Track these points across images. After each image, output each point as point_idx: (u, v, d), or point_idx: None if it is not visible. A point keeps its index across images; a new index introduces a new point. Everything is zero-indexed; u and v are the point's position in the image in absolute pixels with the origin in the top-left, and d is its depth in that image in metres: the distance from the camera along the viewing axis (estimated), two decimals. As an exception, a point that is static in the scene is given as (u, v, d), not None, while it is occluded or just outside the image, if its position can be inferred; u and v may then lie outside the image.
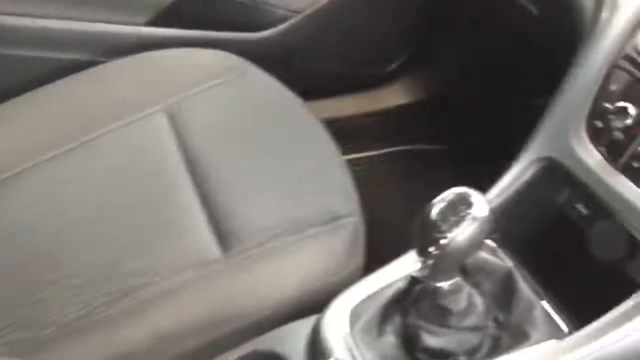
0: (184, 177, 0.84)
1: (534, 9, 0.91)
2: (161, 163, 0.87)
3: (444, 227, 0.54)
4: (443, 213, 0.55)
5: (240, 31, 1.16)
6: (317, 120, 0.97)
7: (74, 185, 0.86)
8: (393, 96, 1.40)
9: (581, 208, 0.70)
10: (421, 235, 0.55)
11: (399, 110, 1.40)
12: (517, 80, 1.20)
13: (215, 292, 0.74)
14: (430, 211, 0.55)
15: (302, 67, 1.24)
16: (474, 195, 0.55)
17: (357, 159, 1.37)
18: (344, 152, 0.95)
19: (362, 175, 1.37)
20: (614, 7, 0.67)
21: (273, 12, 1.18)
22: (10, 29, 1.06)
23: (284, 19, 1.18)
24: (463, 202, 0.54)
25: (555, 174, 0.69)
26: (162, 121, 0.92)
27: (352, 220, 0.81)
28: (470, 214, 0.53)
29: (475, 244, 0.55)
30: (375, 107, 1.39)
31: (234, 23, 1.16)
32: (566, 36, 0.74)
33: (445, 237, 0.53)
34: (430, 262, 0.55)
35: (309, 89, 1.09)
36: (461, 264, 0.57)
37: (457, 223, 0.53)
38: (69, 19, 1.08)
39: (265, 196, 0.82)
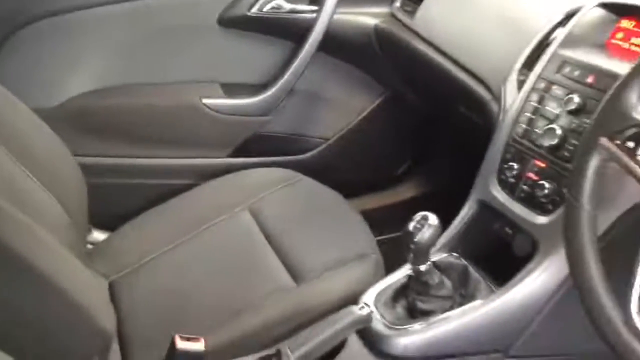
0: (267, 248, 1.30)
1: (476, 118, 1.42)
2: (250, 241, 1.30)
3: (416, 233, 1.02)
4: (415, 226, 1.03)
5: (290, 155, 1.72)
6: (353, 210, 1.43)
7: (193, 262, 1.32)
8: (403, 192, 1.92)
9: (507, 230, 1.17)
10: (405, 239, 1.04)
11: (409, 201, 1.90)
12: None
13: (293, 301, 1.20)
14: (408, 226, 1.04)
15: (338, 176, 1.64)
16: (430, 215, 1.03)
17: (383, 239, 1.83)
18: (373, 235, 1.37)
19: (387, 251, 1.83)
20: (505, 110, 1.16)
21: (310, 141, 1.76)
22: (134, 166, 1.61)
23: (318, 144, 1.76)
24: (425, 219, 1.03)
25: (488, 210, 1.17)
26: (247, 216, 1.36)
27: (374, 257, 1.28)
28: (426, 223, 1.02)
29: (434, 239, 1.02)
30: (392, 201, 1.89)
31: (286, 149, 1.72)
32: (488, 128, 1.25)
33: (416, 237, 1.01)
34: (411, 254, 1.03)
35: (345, 190, 1.50)
36: (429, 253, 1.04)
37: (421, 229, 1.02)
38: (176, 157, 1.65)
39: (320, 249, 1.30)
